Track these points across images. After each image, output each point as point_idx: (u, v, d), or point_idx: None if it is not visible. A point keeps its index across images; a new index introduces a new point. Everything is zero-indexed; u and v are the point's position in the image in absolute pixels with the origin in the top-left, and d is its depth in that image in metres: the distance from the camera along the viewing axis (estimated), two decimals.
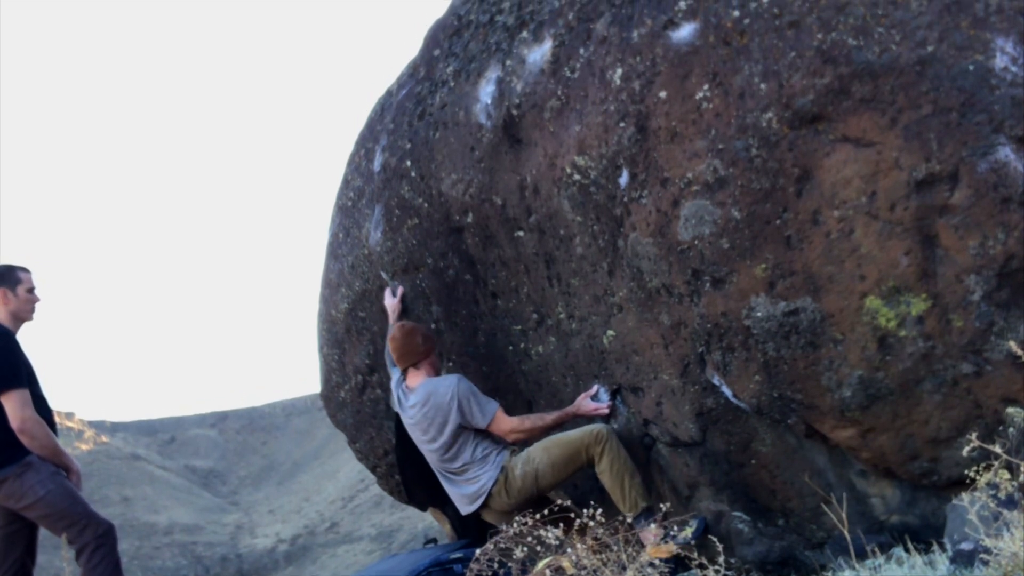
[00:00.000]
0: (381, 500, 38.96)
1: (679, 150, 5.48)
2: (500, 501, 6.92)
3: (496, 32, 6.93)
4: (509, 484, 6.86)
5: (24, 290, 7.10)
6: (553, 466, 6.78)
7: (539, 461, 6.80)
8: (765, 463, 6.08)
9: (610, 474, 6.60)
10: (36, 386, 7.01)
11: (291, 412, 66.05)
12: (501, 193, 6.80)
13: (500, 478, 6.89)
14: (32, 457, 6.75)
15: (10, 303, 7.03)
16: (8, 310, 7.03)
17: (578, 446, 6.71)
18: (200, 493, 56.51)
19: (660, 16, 5.60)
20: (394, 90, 8.66)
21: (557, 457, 6.77)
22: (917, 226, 4.86)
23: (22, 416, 6.71)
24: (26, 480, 6.70)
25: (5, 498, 6.75)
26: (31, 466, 6.74)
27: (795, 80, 5.01)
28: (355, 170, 8.98)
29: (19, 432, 6.69)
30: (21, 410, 6.72)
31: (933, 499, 5.51)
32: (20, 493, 6.69)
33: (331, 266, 9.44)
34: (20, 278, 7.11)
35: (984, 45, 4.71)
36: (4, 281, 7.05)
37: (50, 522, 6.81)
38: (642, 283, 5.98)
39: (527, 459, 6.87)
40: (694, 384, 6.03)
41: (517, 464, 6.89)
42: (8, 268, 7.13)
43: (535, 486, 6.83)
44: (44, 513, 6.77)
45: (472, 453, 6.99)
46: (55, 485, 6.77)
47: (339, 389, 9.71)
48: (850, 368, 5.18)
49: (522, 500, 6.85)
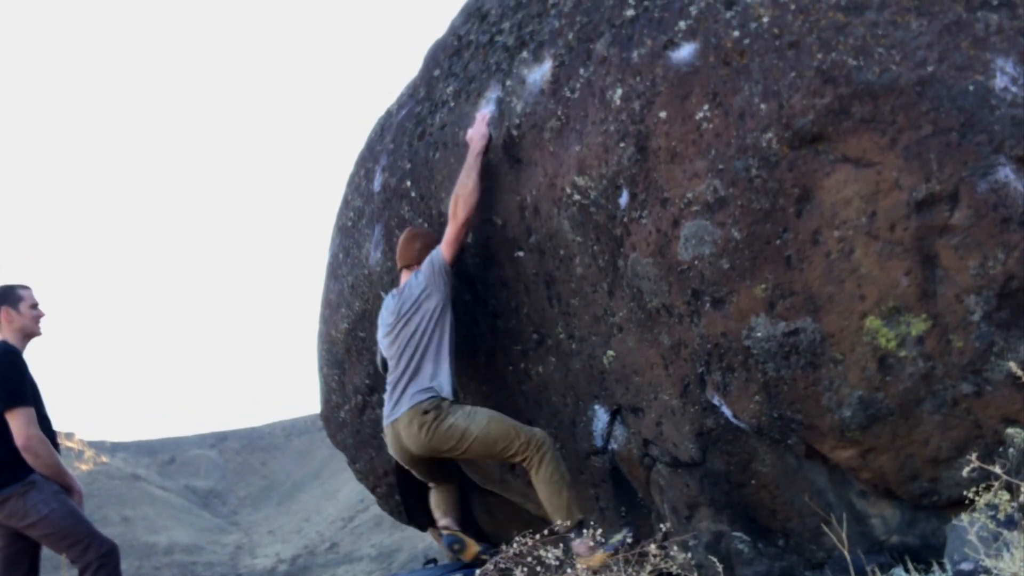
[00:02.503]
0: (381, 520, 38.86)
1: (679, 170, 5.48)
2: (415, 434, 6.85)
3: (496, 52, 6.94)
4: (437, 423, 6.78)
5: (27, 307, 7.15)
6: (486, 437, 6.70)
7: (477, 424, 6.74)
8: (765, 483, 6.07)
9: (549, 484, 6.59)
10: (40, 405, 7.05)
11: (291, 432, 65.91)
12: (501, 213, 6.80)
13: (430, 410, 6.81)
14: (36, 476, 6.79)
15: (14, 321, 7.08)
16: (13, 328, 7.09)
17: (514, 438, 6.68)
18: (200, 513, 56.38)
19: (660, 36, 5.61)
20: (394, 110, 8.67)
21: (494, 431, 6.71)
22: (917, 246, 4.86)
23: (27, 434, 6.73)
24: (30, 499, 6.72)
25: (8, 517, 6.77)
26: (35, 485, 6.77)
27: (795, 100, 5.02)
28: (355, 190, 8.99)
29: (24, 450, 6.73)
30: (26, 428, 6.75)
31: (933, 519, 5.49)
32: (23, 512, 6.71)
33: (331, 286, 9.44)
34: (21, 295, 7.17)
35: (984, 65, 4.72)
36: (5, 301, 7.10)
37: (53, 541, 6.84)
38: (642, 303, 5.98)
39: (469, 413, 6.82)
40: (694, 404, 6.02)
41: (455, 411, 6.82)
42: (7, 288, 7.18)
43: (455, 443, 6.76)
44: (47, 532, 6.80)
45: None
46: (58, 504, 6.80)
47: (339, 409, 9.70)
48: (850, 388, 5.17)
49: (434, 447, 6.83)
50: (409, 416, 6.80)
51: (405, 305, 6.95)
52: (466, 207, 6.73)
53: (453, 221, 6.78)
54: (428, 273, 6.85)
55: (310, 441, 62.42)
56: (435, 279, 6.83)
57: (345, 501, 51.17)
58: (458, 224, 6.77)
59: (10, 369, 6.92)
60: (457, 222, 6.76)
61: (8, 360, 6.95)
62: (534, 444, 6.66)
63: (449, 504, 7.74)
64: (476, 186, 6.72)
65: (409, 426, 6.81)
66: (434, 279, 6.83)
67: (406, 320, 6.93)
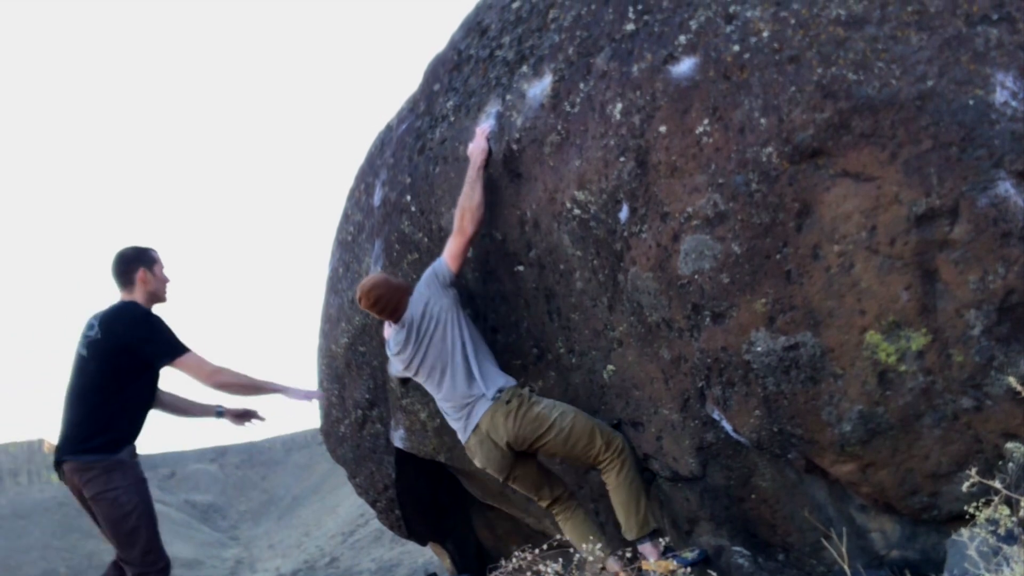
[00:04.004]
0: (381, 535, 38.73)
1: (679, 185, 5.48)
2: (501, 424, 6.69)
3: (496, 67, 6.94)
4: (524, 410, 6.64)
5: (161, 270, 7.18)
6: (571, 432, 6.56)
7: (563, 416, 6.59)
8: (765, 498, 6.06)
9: (628, 490, 6.49)
10: None
11: (291, 447, 65.80)
12: (501, 227, 6.79)
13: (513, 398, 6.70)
14: (123, 456, 6.77)
15: (148, 283, 7.08)
16: (147, 290, 7.08)
17: (596, 437, 6.54)
18: (200, 528, 56.25)
19: (660, 51, 5.61)
20: (394, 125, 8.67)
21: (579, 428, 6.57)
22: (917, 261, 4.86)
23: (207, 373, 6.85)
24: (113, 478, 6.68)
25: (84, 484, 6.71)
26: (121, 465, 6.75)
27: (795, 115, 5.02)
28: (355, 205, 8.99)
29: (216, 388, 6.88)
30: (203, 369, 6.87)
31: (933, 534, 5.49)
32: (102, 487, 6.64)
33: (331, 301, 9.44)
34: (156, 258, 7.18)
35: (984, 80, 4.72)
36: (142, 261, 7.10)
37: (113, 527, 6.73)
38: (642, 318, 5.97)
39: (554, 405, 6.68)
40: (694, 419, 6.01)
41: (540, 400, 6.71)
42: (143, 249, 7.19)
43: (543, 431, 6.61)
44: (112, 517, 6.70)
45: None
46: (139, 497, 6.76)
47: (339, 424, 9.68)
48: (850, 403, 5.17)
49: (523, 436, 6.65)
50: (491, 412, 6.68)
51: (423, 326, 6.82)
52: (474, 221, 6.68)
53: (460, 235, 6.72)
54: (431, 283, 6.82)
55: (310, 455, 62.32)
56: (437, 288, 6.80)
57: (345, 515, 51.07)
58: (466, 238, 6.71)
59: (160, 323, 6.95)
60: (465, 236, 6.70)
61: (155, 318, 6.97)
62: (615, 447, 6.55)
63: (590, 526, 7.15)
64: (482, 200, 6.68)
65: (494, 420, 6.67)
66: (436, 288, 6.80)
67: (430, 337, 6.82)
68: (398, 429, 8.67)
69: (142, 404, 7.03)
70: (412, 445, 8.57)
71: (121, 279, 7.04)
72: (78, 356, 6.94)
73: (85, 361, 6.86)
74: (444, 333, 6.79)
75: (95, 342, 6.82)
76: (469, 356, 6.78)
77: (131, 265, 7.04)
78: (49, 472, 52.45)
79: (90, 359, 6.83)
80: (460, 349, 6.77)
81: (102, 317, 6.90)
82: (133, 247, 7.15)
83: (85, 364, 6.87)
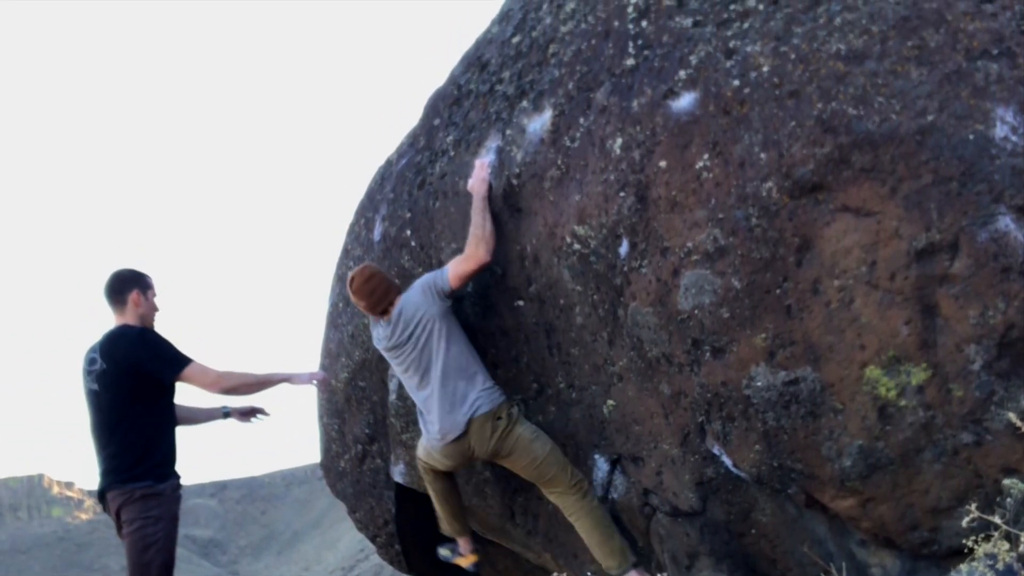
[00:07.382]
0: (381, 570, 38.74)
1: (679, 219, 5.48)
2: (485, 438, 6.89)
3: (496, 102, 6.96)
4: (508, 429, 6.85)
5: (153, 296, 7.22)
6: (544, 459, 6.79)
7: (542, 443, 6.83)
8: (765, 533, 6.04)
9: (593, 515, 6.70)
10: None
11: (291, 482, 65.84)
12: (501, 262, 6.80)
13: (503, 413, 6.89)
14: (163, 487, 6.78)
15: (140, 306, 7.10)
16: (138, 313, 7.09)
17: (565, 470, 6.77)
18: (200, 563, 56.22)
19: (660, 86, 5.63)
20: (394, 159, 8.69)
21: (552, 459, 6.80)
22: (917, 296, 4.85)
23: (212, 381, 6.87)
24: (148, 507, 6.69)
25: (120, 506, 6.73)
26: (160, 497, 6.75)
27: (795, 150, 5.02)
28: (355, 239, 8.99)
29: (222, 394, 6.92)
30: (207, 377, 6.88)
31: (933, 569, 5.46)
32: (134, 513, 6.66)
33: (331, 335, 9.43)
34: (150, 284, 7.22)
35: (984, 115, 4.73)
36: (138, 284, 7.13)
37: (133, 554, 6.72)
38: (642, 353, 5.97)
39: (536, 431, 6.88)
40: (694, 454, 6.00)
41: (525, 423, 6.90)
42: (139, 273, 7.23)
43: (517, 452, 6.84)
44: (136, 543, 6.69)
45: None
46: (164, 535, 6.74)
47: (339, 459, 9.67)
48: (850, 438, 5.16)
49: (495, 450, 6.90)
50: (482, 420, 6.81)
51: (413, 329, 6.92)
52: (488, 249, 6.68)
53: (472, 260, 6.70)
54: (427, 290, 6.87)
55: (310, 490, 62.33)
56: (431, 295, 6.86)
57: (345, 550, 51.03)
58: (478, 263, 6.70)
59: (159, 339, 6.97)
60: (478, 262, 6.69)
61: (152, 334, 7.00)
62: (581, 486, 6.73)
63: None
64: (493, 228, 6.71)
65: (481, 429, 6.82)
66: (431, 295, 6.86)
67: (416, 340, 6.92)
68: (398, 464, 8.66)
69: (170, 424, 7.08)
70: (412, 480, 8.55)
71: (114, 298, 7.07)
72: (90, 392, 6.92)
73: (98, 395, 6.86)
74: (430, 339, 6.89)
75: (102, 373, 6.81)
76: (452, 365, 6.91)
77: (127, 285, 7.07)
78: (49, 507, 52.52)
79: (102, 391, 6.82)
80: (443, 355, 6.89)
81: (101, 347, 6.90)
82: (130, 269, 7.20)
83: (99, 398, 6.86)
